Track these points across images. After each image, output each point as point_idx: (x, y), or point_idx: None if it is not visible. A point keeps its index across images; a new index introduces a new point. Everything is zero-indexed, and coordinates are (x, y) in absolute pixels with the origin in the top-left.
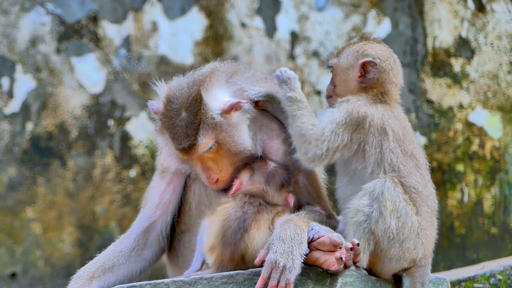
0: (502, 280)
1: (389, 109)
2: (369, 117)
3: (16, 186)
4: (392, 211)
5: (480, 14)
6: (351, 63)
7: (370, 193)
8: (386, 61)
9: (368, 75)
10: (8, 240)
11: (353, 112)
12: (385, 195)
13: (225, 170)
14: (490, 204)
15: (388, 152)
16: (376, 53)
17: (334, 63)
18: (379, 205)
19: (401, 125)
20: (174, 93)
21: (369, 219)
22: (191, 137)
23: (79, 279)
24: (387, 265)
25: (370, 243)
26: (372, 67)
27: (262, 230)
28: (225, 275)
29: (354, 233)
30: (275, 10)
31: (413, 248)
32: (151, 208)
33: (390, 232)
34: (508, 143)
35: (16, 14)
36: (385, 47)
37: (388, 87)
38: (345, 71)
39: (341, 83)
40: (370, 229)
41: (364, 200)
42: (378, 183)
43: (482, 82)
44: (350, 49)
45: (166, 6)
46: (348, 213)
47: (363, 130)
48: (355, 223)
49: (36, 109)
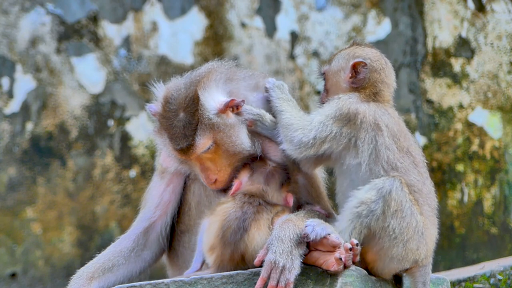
0: (502, 280)
1: (382, 107)
2: (360, 113)
3: (16, 186)
4: (395, 211)
5: (480, 14)
6: (342, 65)
7: (378, 189)
8: (377, 61)
9: (359, 76)
10: (8, 240)
11: (343, 107)
12: (392, 195)
13: (223, 171)
14: (490, 204)
15: (384, 148)
16: (366, 54)
17: (326, 69)
18: (384, 203)
19: (395, 122)
20: (172, 94)
21: (371, 215)
22: (189, 138)
23: (79, 279)
24: (389, 264)
25: (361, 235)
26: (363, 67)
27: (262, 230)
28: (225, 275)
29: (350, 222)
30: (275, 10)
31: (416, 249)
32: (150, 208)
33: (391, 231)
34: (508, 143)
35: (16, 14)
36: (376, 50)
37: (380, 86)
38: (337, 74)
39: (333, 86)
40: (368, 225)
41: (370, 195)
42: (387, 181)
43: (482, 82)
44: (340, 54)
45: (166, 6)
46: (350, 202)
47: (354, 126)
48: (356, 213)
49: (36, 109)
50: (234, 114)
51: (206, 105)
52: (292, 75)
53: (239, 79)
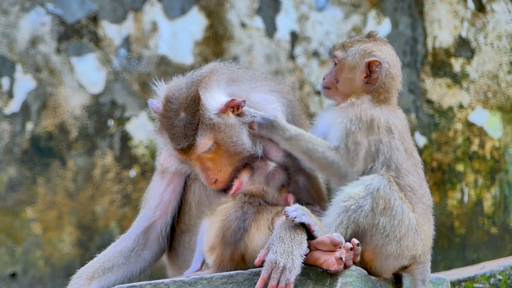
0: (502, 280)
1: (392, 110)
2: (376, 119)
3: (16, 186)
4: (384, 209)
5: (480, 14)
6: (357, 62)
7: (366, 186)
8: (394, 67)
9: (373, 75)
10: (8, 240)
11: (361, 115)
12: (380, 192)
13: (224, 171)
14: (490, 204)
15: (395, 150)
16: (385, 57)
17: (340, 56)
18: (372, 200)
19: (403, 124)
20: (173, 93)
21: (359, 210)
22: (190, 138)
23: (79, 279)
24: (386, 262)
25: (348, 230)
26: (377, 66)
27: (262, 230)
28: (225, 275)
29: (337, 215)
30: (275, 10)
31: (412, 245)
32: (151, 208)
33: (381, 229)
34: (508, 143)
35: (16, 14)
36: (392, 51)
37: (393, 92)
38: (351, 70)
39: (346, 81)
40: (357, 220)
41: (358, 190)
42: (375, 178)
43: (482, 82)
44: (357, 48)
45: (166, 6)
46: (338, 196)
47: (374, 131)
48: (343, 207)
49: (36, 109)
50: (235, 115)
51: (207, 105)
52: (292, 75)
53: (241, 80)
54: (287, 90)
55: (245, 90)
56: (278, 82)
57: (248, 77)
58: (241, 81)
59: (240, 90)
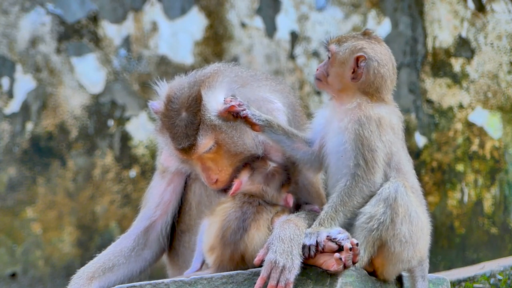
0: (502, 280)
1: (390, 108)
2: (382, 118)
3: (16, 186)
4: (404, 216)
5: (480, 14)
6: (347, 57)
7: (384, 200)
8: (385, 66)
9: (358, 70)
10: (8, 240)
11: (370, 116)
12: (398, 201)
13: (225, 171)
14: (490, 204)
15: (395, 149)
16: (375, 55)
17: (333, 50)
18: (391, 211)
19: (400, 122)
20: (175, 92)
21: (381, 225)
22: (191, 137)
23: (79, 279)
24: (398, 266)
25: (375, 247)
26: (362, 61)
27: (262, 230)
28: (225, 275)
29: (363, 238)
30: (275, 10)
31: (423, 247)
32: (151, 208)
33: (401, 237)
34: (508, 143)
35: (16, 14)
36: (386, 50)
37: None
38: (341, 65)
39: (336, 76)
40: (380, 235)
41: (379, 208)
42: (391, 187)
43: (482, 82)
44: (350, 43)
45: (166, 6)
46: (360, 218)
47: (383, 129)
48: (368, 229)
49: (36, 109)
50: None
51: (208, 106)
52: (292, 75)
53: (244, 81)
54: (288, 90)
55: (247, 91)
56: (279, 82)
57: (250, 78)
58: (243, 82)
59: (242, 91)
